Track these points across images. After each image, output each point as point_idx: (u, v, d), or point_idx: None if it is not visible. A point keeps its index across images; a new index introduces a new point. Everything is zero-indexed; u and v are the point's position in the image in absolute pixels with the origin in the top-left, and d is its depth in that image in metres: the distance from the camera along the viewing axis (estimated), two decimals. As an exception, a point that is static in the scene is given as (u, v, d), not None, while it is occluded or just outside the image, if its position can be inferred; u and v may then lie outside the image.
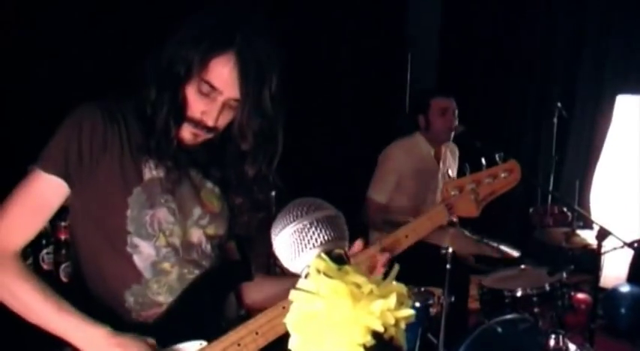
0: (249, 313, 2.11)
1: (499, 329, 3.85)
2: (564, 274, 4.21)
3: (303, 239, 1.22)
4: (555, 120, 5.09)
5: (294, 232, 1.23)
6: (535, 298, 4.08)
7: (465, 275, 4.30)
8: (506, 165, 2.09)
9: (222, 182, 2.04)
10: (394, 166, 4.55)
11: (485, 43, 6.19)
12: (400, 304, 1.05)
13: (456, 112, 4.61)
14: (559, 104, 5.11)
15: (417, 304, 3.80)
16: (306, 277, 1.16)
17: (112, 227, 1.89)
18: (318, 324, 1.02)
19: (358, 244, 1.95)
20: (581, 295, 4.92)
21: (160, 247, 1.92)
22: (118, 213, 1.88)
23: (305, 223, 1.23)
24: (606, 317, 5.39)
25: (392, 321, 1.03)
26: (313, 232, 1.22)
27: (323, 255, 1.16)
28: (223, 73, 1.82)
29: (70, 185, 1.87)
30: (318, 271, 1.10)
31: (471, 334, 3.82)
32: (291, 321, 1.06)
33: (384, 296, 1.02)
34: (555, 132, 5.12)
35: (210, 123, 1.88)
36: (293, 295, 1.07)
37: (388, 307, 1.02)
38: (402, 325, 1.06)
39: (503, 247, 3.87)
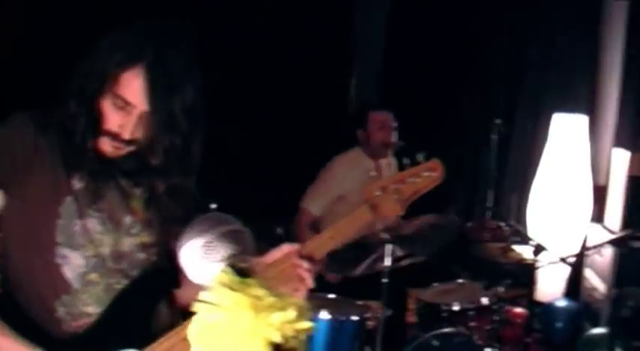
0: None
1: (435, 343, 3.91)
2: (501, 289, 4.28)
3: (208, 253, 1.23)
4: (495, 136, 5.16)
5: (200, 246, 1.24)
6: (471, 312, 4.14)
7: (402, 289, 4.34)
8: (429, 164, 2.07)
9: (149, 189, 2.03)
10: (335, 181, 4.60)
11: (429, 59, 6.26)
12: (300, 316, 1.06)
13: (395, 126, 4.67)
14: (498, 121, 5.17)
15: (355, 318, 3.83)
16: (209, 289, 1.17)
17: (41, 238, 1.89)
18: (219, 335, 1.03)
19: (282, 250, 1.95)
20: (518, 310, 4.98)
21: (89, 257, 1.92)
22: (48, 222, 1.88)
23: (210, 237, 1.25)
24: (543, 331, 5.48)
25: (291, 333, 1.04)
26: (218, 246, 1.24)
27: (226, 268, 1.17)
28: (134, 87, 1.82)
29: (5, 194, 1.87)
30: (221, 284, 1.11)
31: (407, 347, 3.87)
32: (193, 332, 1.08)
33: (284, 309, 1.03)
34: (494, 148, 5.19)
35: (127, 136, 1.87)
36: (196, 306, 1.09)
37: (287, 320, 1.03)
38: (302, 337, 1.07)
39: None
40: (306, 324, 1.08)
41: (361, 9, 6.52)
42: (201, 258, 1.25)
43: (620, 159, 5.40)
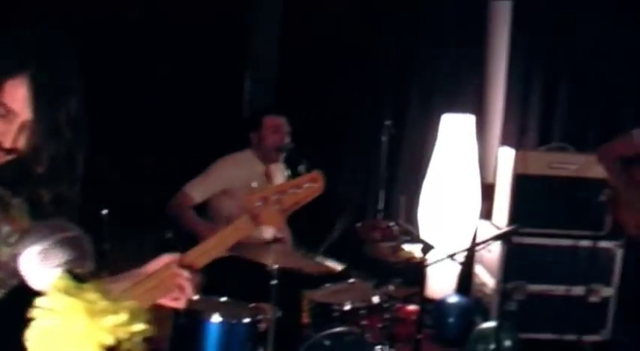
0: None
1: (326, 342, 3.94)
2: (391, 287, 4.35)
3: (46, 259, 1.24)
4: (385, 137, 5.25)
5: (37, 253, 1.25)
6: (363, 311, 4.19)
7: (296, 290, 4.37)
8: (310, 176, 2.13)
9: (32, 199, 2.01)
10: (221, 175, 4.65)
11: (321, 62, 6.31)
12: (133, 319, 1.08)
13: (288, 130, 4.71)
14: (388, 122, 5.26)
15: (246, 320, 3.85)
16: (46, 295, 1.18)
17: None
18: (54, 340, 1.04)
19: (162, 260, 1.97)
20: (409, 307, 5.09)
21: None
22: None
23: (47, 244, 1.26)
24: (435, 327, 5.62)
25: (125, 336, 1.06)
26: (55, 253, 1.25)
27: (63, 274, 1.19)
28: (17, 96, 1.80)
29: None
30: (57, 290, 1.12)
31: (299, 348, 3.90)
32: (31, 337, 1.08)
33: (117, 312, 1.05)
34: (385, 149, 5.27)
35: (7, 144, 1.84)
36: (33, 312, 1.10)
37: (120, 323, 1.05)
38: (137, 340, 1.09)
39: (327, 263, 4.03)
40: (139, 326, 1.10)
41: (257, 12, 6.54)
42: (38, 265, 1.26)
43: (506, 157, 5.57)
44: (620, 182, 4.76)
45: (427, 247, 4.18)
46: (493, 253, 5.36)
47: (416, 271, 4.35)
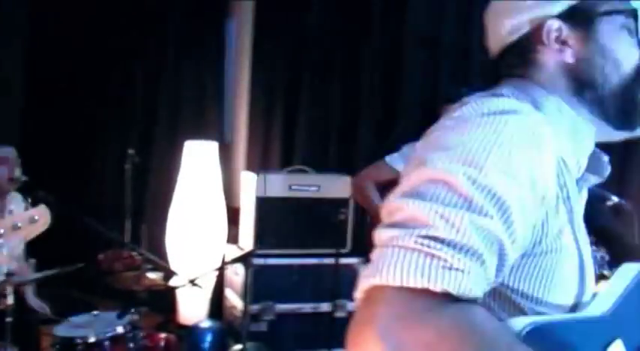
0: None
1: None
2: (135, 316, 4.34)
3: None
4: (128, 166, 5.23)
5: None
6: (107, 343, 4.15)
7: (33, 326, 4.27)
8: (38, 210, 2.12)
9: None
10: None
11: (67, 94, 6.21)
12: None
13: (19, 161, 4.60)
14: (131, 151, 5.25)
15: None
16: None
17: None
18: None
19: None
20: (158, 335, 5.08)
21: None
22: None
23: None
24: (191, 352, 5.65)
25: None
26: None
27: None
28: None
29: None
30: None
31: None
32: None
33: None
34: (129, 178, 5.25)
35: None
36: None
37: None
38: None
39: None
40: None
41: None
42: None
43: (248, 181, 5.71)
44: (377, 208, 5.00)
45: (169, 274, 4.22)
46: (240, 275, 5.47)
47: (164, 299, 4.37)
